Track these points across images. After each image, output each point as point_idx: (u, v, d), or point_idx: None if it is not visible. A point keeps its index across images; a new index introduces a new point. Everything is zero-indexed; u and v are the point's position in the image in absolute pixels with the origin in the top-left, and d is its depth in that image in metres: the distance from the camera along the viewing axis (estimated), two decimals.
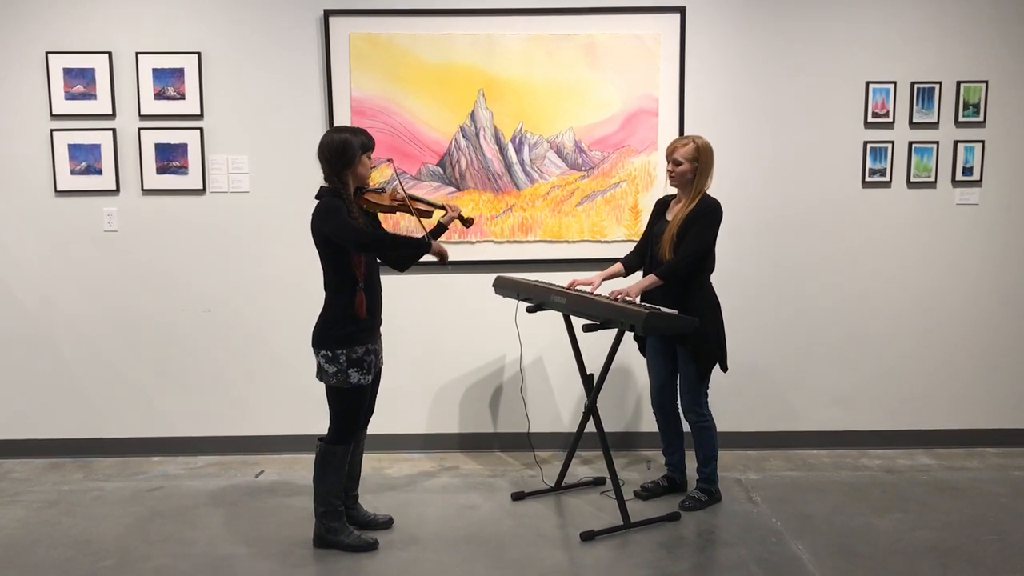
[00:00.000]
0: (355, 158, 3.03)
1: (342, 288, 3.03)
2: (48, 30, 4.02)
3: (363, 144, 3.06)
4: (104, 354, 4.21)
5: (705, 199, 3.38)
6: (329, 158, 3.03)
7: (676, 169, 3.39)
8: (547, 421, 4.28)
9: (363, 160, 3.07)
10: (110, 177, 4.08)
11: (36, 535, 3.31)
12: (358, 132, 3.08)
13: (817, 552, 3.11)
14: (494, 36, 4.04)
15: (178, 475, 3.99)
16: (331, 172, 3.04)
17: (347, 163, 3.02)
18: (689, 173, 3.38)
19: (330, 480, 3.09)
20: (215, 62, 4.06)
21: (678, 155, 3.38)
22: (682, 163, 3.37)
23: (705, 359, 3.40)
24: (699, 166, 3.37)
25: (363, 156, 3.06)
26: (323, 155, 3.04)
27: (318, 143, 3.06)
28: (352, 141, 3.03)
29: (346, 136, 3.03)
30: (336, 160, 3.02)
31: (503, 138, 4.11)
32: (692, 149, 3.36)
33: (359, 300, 3.02)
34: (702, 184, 3.39)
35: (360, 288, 3.02)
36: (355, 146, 3.03)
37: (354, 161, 3.03)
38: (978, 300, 4.24)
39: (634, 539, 3.23)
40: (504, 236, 4.15)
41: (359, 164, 3.06)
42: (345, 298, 3.02)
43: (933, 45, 4.09)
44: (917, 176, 4.15)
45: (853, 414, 4.29)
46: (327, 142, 3.04)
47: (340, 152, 3.01)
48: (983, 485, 3.77)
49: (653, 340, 3.57)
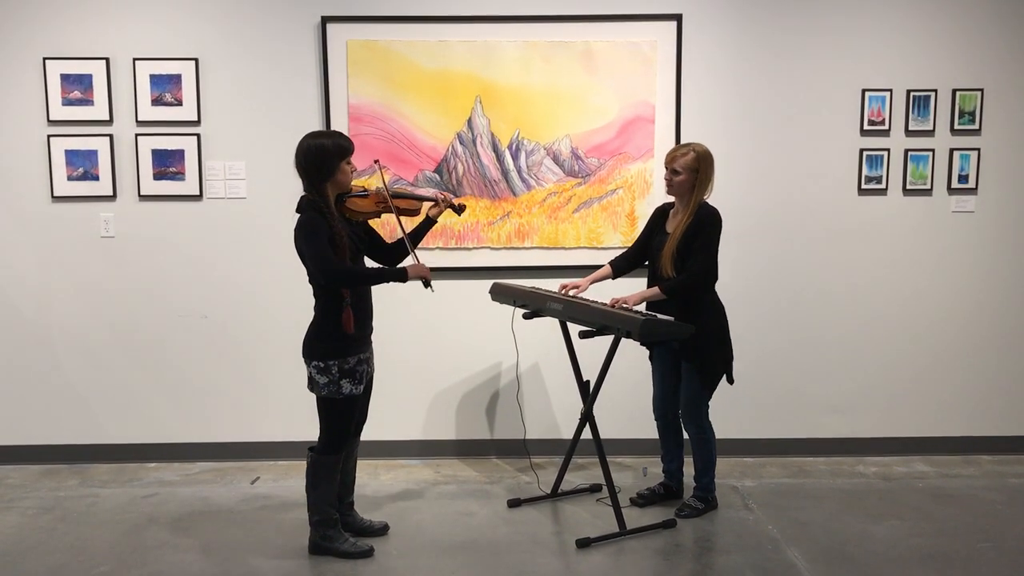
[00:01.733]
0: (333, 168, 2.94)
1: (329, 304, 2.99)
2: (46, 36, 4.02)
3: (340, 150, 2.95)
4: (100, 360, 4.20)
5: (703, 208, 3.33)
6: (306, 168, 2.94)
7: (674, 179, 3.34)
8: (543, 428, 4.28)
9: (342, 168, 2.97)
10: (107, 183, 4.08)
11: (31, 542, 3.30)
12: (335, 135, 2.98)
13: (813, 559, 3.11)
14: (491, 43, 4.05)
15: (174, 481, 3.98)
16: (309, 183, 2.96)
17: (325, 175, 2.94)
18: (688, 183, 3.33)
19: (322, 489, 3.07)
20: (212, 68, 4.07)
21: (677, 165, 3.33)
22: (681, 173, 3.32)
23: (711, 374, 3.38)
24: (699, 176, 3.31)
25: (342, 164, 2.97)
26: (299, 165, 2.95)
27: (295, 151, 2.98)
28: (328, 147, 2.92)
29: (321, 142, 2.93)
30: (314, 171, 2.93)
31: (500, 145, 4.11)
32: (692, 159, 3.31)
33: (346, 317, 2.96)
34: (701, 194, 3.34)
35: (347, 305, 2.96)
36: (332, 154, 2.93)
37: (332, 172, 2.95)
38: (974, 307, 4.25)
39: (630, 546, 3.23)
40: (501, 243, 4.15)
41: (338, 172, 2.97)
42: (332, 313, 2.97)
43: (929, 53, 4.11)
44: (913, 184, 4.16)
45: (849, 421, 4.29)
46: (302, 150, 2.94)
47: (317, 162, 2.92)
48: (979, 492, 3.78)
49: (660, 349, 3.55)
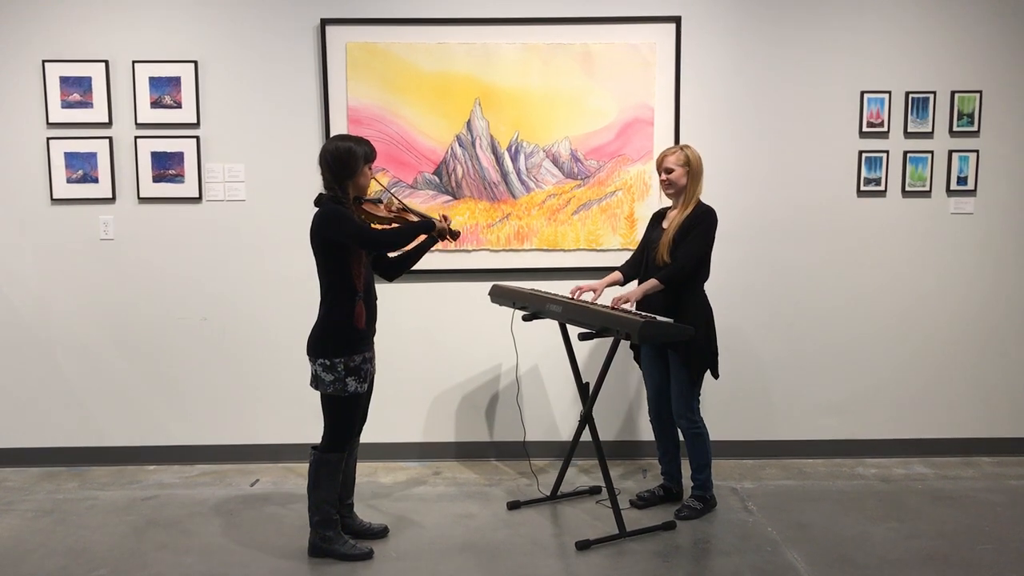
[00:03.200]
0: (357, 168, 3.05)
1: (341, 298, 3.03)
2: (45, 39, 4.03)
3: (366, 155, 3.08)
4: (100, 363, 4.20)
5: (700, 206, 3.43)
6: (332, 165, 3.03)
7: (669, 176, 3.43)
8: (543, 430, 4.28)
9: (364, 171, 3.09)
10: (106, 185, 4.09)
11: (30, 544, 3.30)
12: (362, 142, 3.09)
13: (812, 561, 3.11)
14: (490, 45, 4.05)
15: (173, 484, 3.98)
16: (332, 180, 3.05)
17: (349, 174, 3.04)
18: (683, 179, 3.41)
19: (325, 488, 3.08)
20: (212, 71, 4.07)
21: (668, 163, 3.43)
22: (674, 169, 3.42)
23: (697, 365, 3.41)
24: (690, 171, 3.41)
25: (365, 167, 3.08)
26: (325, 162, 3.05)
27: (320, 149, 3.07)
28: (356, 151, 3.04)
29: (350, 145, 3.05)
30: (339, 169, 3.03)
31: (499, 147, 4.11)
32: (682, 156, 3.41)
33: (359, 311, 3.02)
34: (695, 190, 3.42)
35: (360, 298, 3.03)
36: (359, 156, 3.04)
37: (356, 171, 3.05)
38: (973, 309, 4.25)
39: (630, 548, 3.22)
40: (500, 245, 4.16)
41: (360, 174, 3.07)
42: (344, 308, 3.02)
43: (928, 55, 4.11)
44: (912, 185, 4.16)
45: (848, 423, 4.29)
46: (331, 149, 3.04)
47: (344, 161, 3.03)
48: (979, 494, 3.77)
49: (647, 347, 3.59)
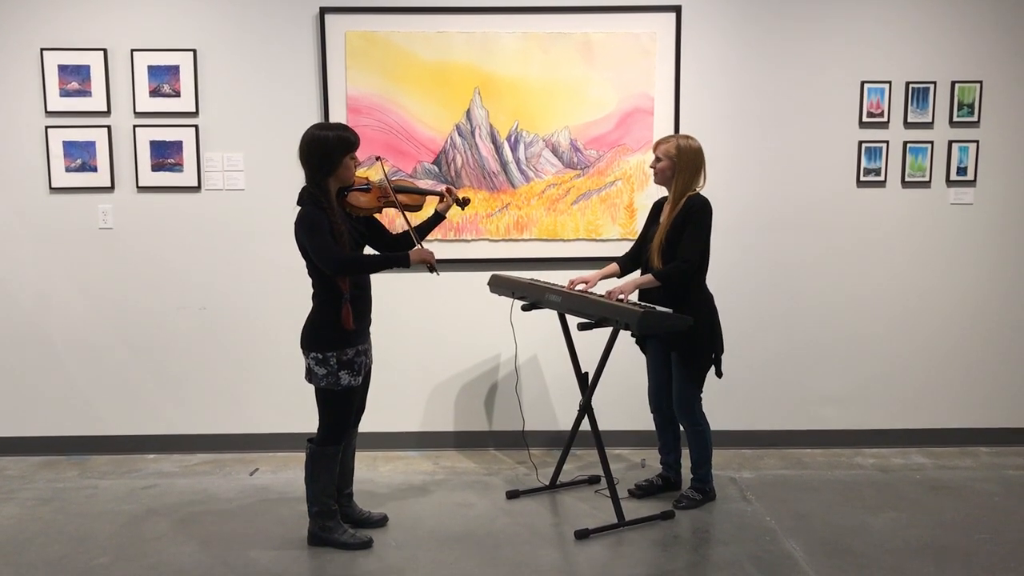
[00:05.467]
0: (335, 163, 2.91)
1: (328, 298, 2.98)
2: (43, 27, 4.01)
3: (344, 144, 2.91)
4: (99, 352, 4.20)
5: (690, 200, 3.33)
6: (309, 160, 2.91)
7: (656, 165, 3.39)
8: (542, 419, 4.29)
9: (345, 163, 2.94)
10: (105, 174, 4.08)
11: (30, 533, 3.31)
12: (339, 128, 2.94)
13: (811, 550, 3.12)
14: (490, 34, 4.04)
15: (173, 473, 3.99)
16: (310, 175, 2.93)
17: (328, 170, 2.91)
18: (668, 171, 3.35)
19: (322, 481, 3.08)
20: (211, 59, 4.05)
21: (658, 151, 3.39)
22: (661, 160, 3.37)
23: (698, 366, 3.38)
24: (678, 164, 3.32)
25: (345, 159, 2.93)
26: (301, 156, 2.93)
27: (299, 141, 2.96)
28: (331, 141, 2.88)
29: (324, 135, 2.89)
30: (316, 162, 2.90)
31: (499, 136, 4.10)
32: (672, 147, 3.34)
33: (345, 313, 2.95)
34: (684, 184, 3.34)
35: (346, 301, 2.95)
36: (334, 147, 2.89)
37: (335, 167, 2.91)
38: (972, 300, 4.25)
39: (628, 537, 3.24)
40: (499, 235, 4.15)
41: (341, 167, 2.93)
42: (331, 308, 2.97)
43: (928, 45, 4.10)
44: (912, 176, 4.15)
45: (847, 413, 4.30)
46: (305, 142, 2.91)
47: (319, 156, 2.89)
48: (977, 484, 3.79)
49: (653, 341, 3.56)
